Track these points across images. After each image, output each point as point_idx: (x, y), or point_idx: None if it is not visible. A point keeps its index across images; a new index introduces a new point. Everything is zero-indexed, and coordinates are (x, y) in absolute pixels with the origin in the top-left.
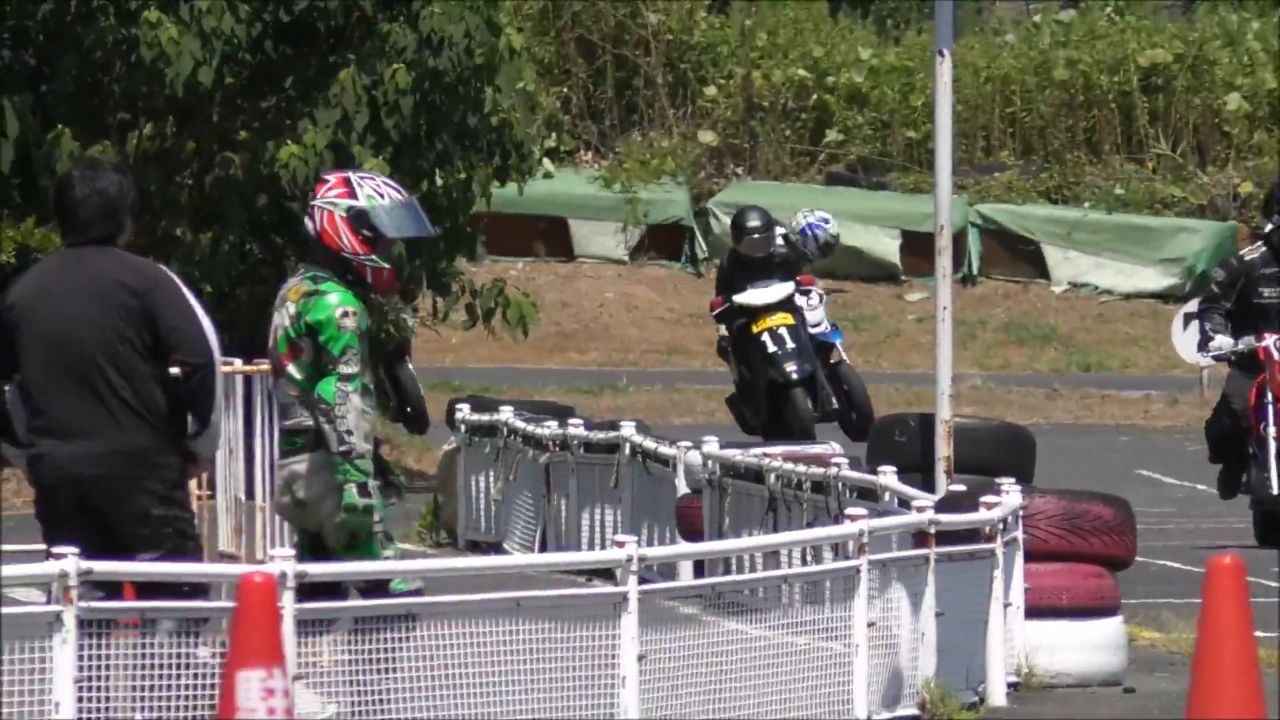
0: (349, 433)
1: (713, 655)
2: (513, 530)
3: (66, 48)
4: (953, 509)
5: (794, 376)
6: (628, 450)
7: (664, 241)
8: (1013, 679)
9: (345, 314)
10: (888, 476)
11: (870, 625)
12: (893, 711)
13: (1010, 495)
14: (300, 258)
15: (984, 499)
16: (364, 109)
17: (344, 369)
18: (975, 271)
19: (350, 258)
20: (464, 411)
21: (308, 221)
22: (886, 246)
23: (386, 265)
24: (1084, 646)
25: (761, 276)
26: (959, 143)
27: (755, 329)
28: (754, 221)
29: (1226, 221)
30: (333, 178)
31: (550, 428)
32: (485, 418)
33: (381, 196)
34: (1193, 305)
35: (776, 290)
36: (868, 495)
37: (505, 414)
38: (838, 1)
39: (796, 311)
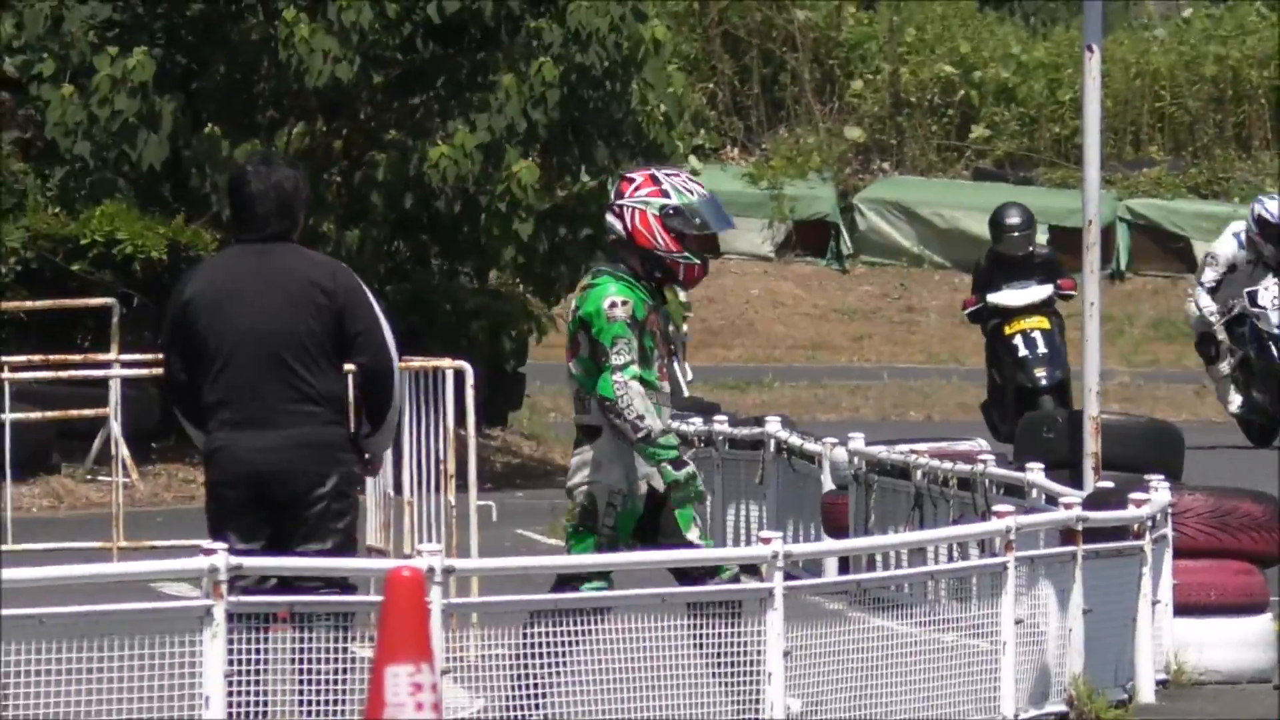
0: (640, 418)
1: (858, 652)
2: None
3: (216, 47)
4: (1101, 506)
5: (1043, 383)
6: (773, 446)
7: (810, 238)
8: (1161, 676)
9: (614, 304)
10: (1035, 473)
11: (1018, 622)
12: (1040, 709)
13: (1159, 492)
14: (445, 254)
15: (1132, 496)
16: (521, 115)
17: (615, 360)
18: (1123, 267)
19: (664, 255)
20: None
21: (614, 222)
22: None
23: (698, 260)
24: (1233, 643)
25: (1020, 277)
26: (1107, 138)
27: (1008, 331)
28: (1013, 219)
29: None
30: (638, 177)
31: (696, 424)
32: None
33: (691, 193)
34: None
35: (1034, 292)
36: (1014, 492)
37: None
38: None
39: (1055, 316)
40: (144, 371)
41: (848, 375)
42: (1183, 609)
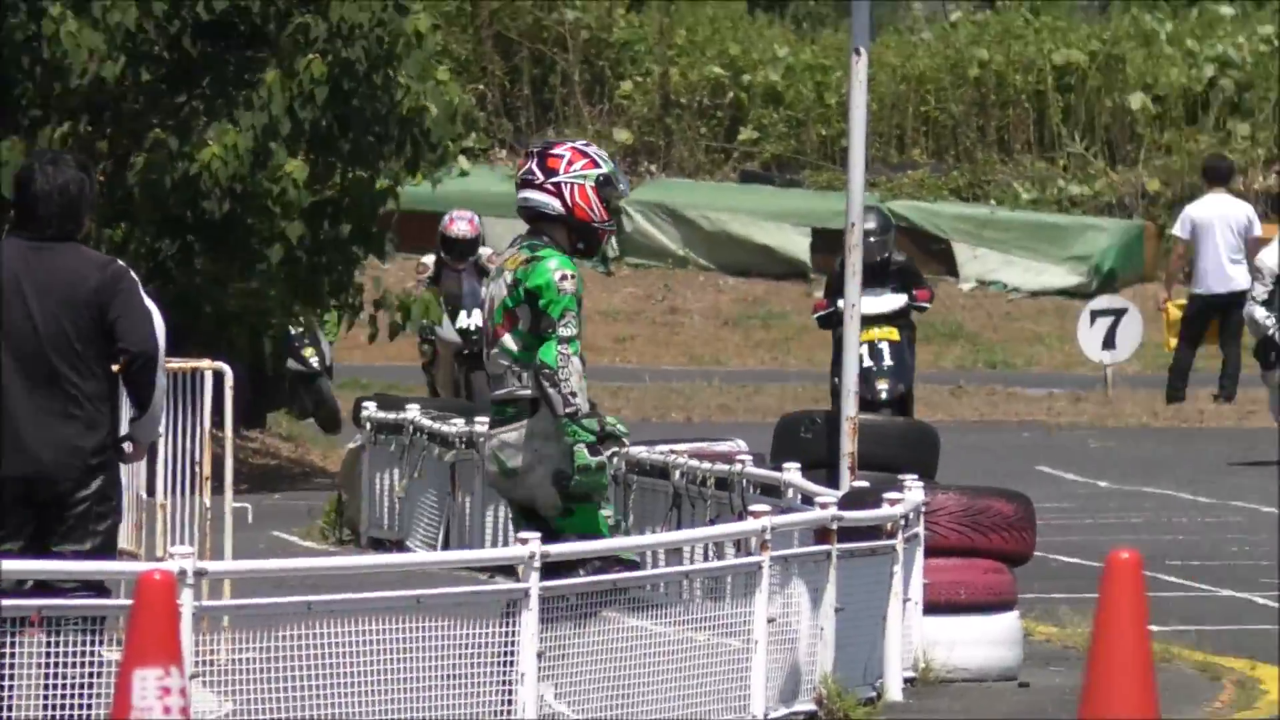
0: (573, 394)
1: (613, 651)
2: (416, 528)
3: None
4: (856, 505)
5: (883, 396)
6: None
7: None
8: (910, 674)
9: (564, 277)
10: (791, 473)
11: (770, 621)
12: (790, 707)
13: (913, 491)
14: (211, 255)
15: (887, 495)
16: (285, 113)
17: (563, 331)
18: None
19: (598, 226)
20: (370, 409)
21: (549, 199)
22: (797, 244)
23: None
24: (981, 641)
25: (874, 284)
26: (872, 141)
27: None
28: (868, 224)
29: (1133, 220)
30: (565, 152)
31: (457, 425)
32: (391, 416)
33: (610, 160)
34: (1099, 302)
35: (887, 301)
36: (771, 492)
37: (412, 412)
38: (755, 0)
39: (907, 328)
40: None
41: (610, 376)
42: (933, 607)
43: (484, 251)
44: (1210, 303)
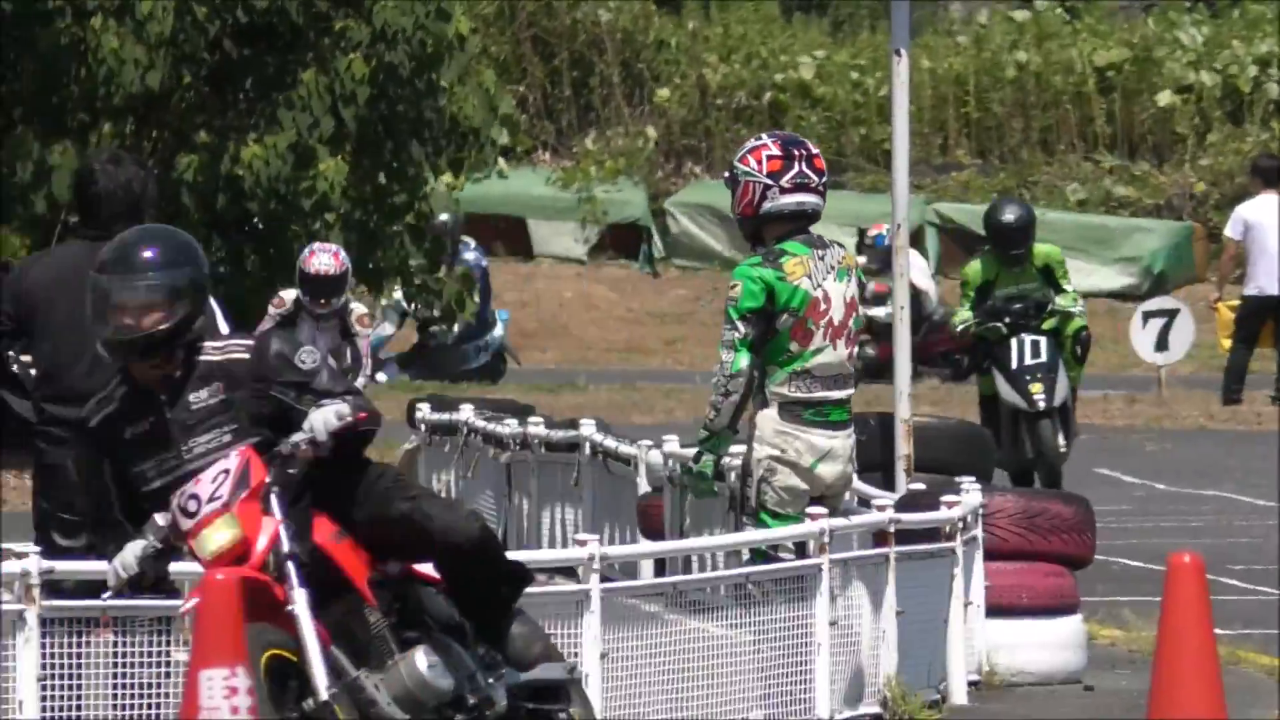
0: None
1: (675, 654)
2: None
3: (25, 48)
4: (913, 508)
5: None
6: (588, 449)
7: (622, 241)
8: (974, 677)
9: None
10: None
11: (832, 624)
12: (855, 710)
13: (970, 494)
14: (261, 255)
15: (944, 498)
16: (326, 112)
17: None
18: (933, 270)
19: None
20: (424, 410)
21: (820, 202)
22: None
23: None
24: (1044, 645)
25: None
26: (915, 141)
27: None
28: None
29: (1182, 221)
30: (818, 150)
31: (511, 426)
32: (445, 416)
33: None
34: (1151, 304)
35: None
36: None
37: (465, 413)
38: (791, 3)
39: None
40: None
41: (661, 378)
42: (995, 610)
43: (356, 309)
44: (1263, 303)
